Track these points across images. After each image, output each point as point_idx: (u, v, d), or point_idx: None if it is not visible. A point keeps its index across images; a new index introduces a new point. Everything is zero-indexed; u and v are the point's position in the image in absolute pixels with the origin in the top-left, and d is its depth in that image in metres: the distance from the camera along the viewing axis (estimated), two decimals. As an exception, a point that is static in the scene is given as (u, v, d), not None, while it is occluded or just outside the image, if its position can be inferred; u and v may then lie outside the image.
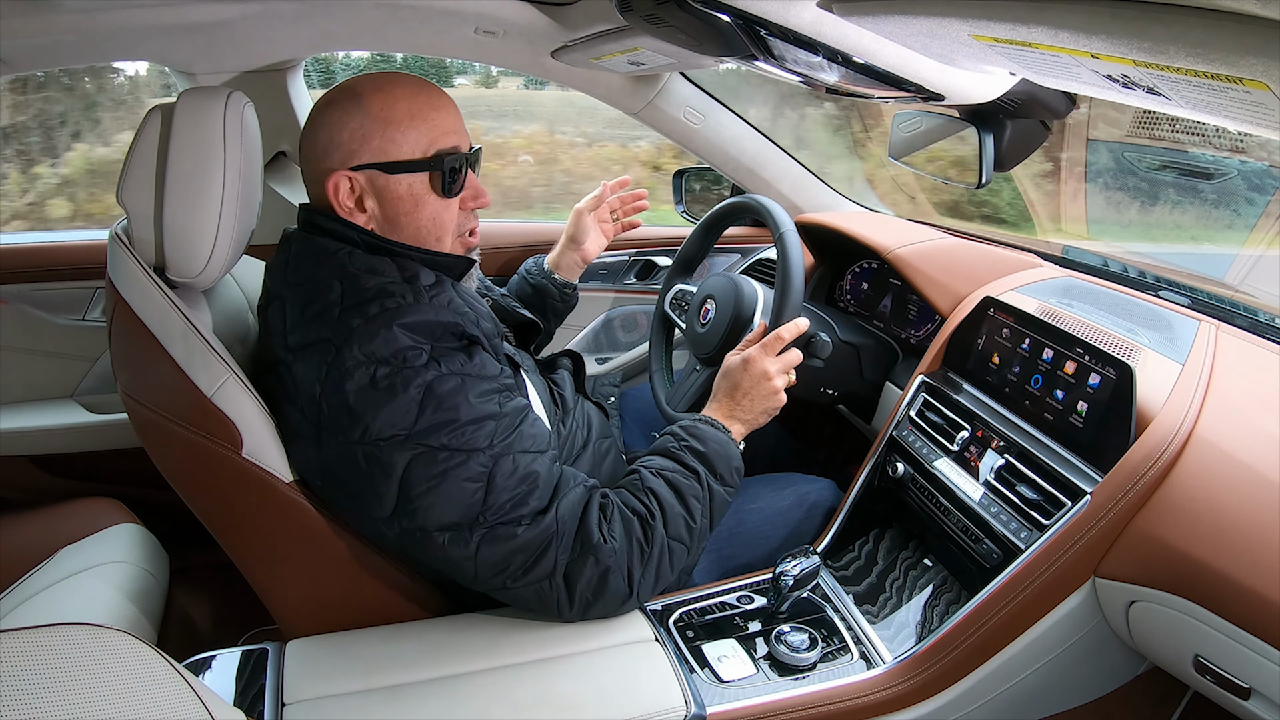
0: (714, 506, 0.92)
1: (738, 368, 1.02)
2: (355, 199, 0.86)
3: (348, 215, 0.86)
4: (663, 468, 0.92)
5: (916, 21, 0.64)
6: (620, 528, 0.85)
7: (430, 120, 0.86)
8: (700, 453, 0.93)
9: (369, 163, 0.85)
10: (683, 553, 0.89)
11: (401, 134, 0.85)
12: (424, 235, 0.89)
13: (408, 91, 0.85)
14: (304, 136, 0.88)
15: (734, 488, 0.95)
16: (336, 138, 0.85)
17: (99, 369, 1.47)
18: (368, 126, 0.84)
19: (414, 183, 0.86)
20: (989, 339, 1.07)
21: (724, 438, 0.96)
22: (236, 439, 0.81)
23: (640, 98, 1.57)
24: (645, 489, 0.89)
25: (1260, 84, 0.44)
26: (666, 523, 0.87)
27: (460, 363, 0.81)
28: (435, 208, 0.88)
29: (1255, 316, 1.05)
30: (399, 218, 0.87)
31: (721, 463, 0.94)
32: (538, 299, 1.32)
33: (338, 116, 0.85)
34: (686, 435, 0.95)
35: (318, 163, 0.86)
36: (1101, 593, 0.81)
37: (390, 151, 0.85)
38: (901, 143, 1.25)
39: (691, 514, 0.89)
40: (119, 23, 1.14)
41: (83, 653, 0.44)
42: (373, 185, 0.86)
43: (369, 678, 0.81)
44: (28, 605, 1.03)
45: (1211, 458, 0.79)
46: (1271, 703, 0.70)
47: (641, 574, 0.86)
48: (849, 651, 0.91)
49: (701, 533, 0.91)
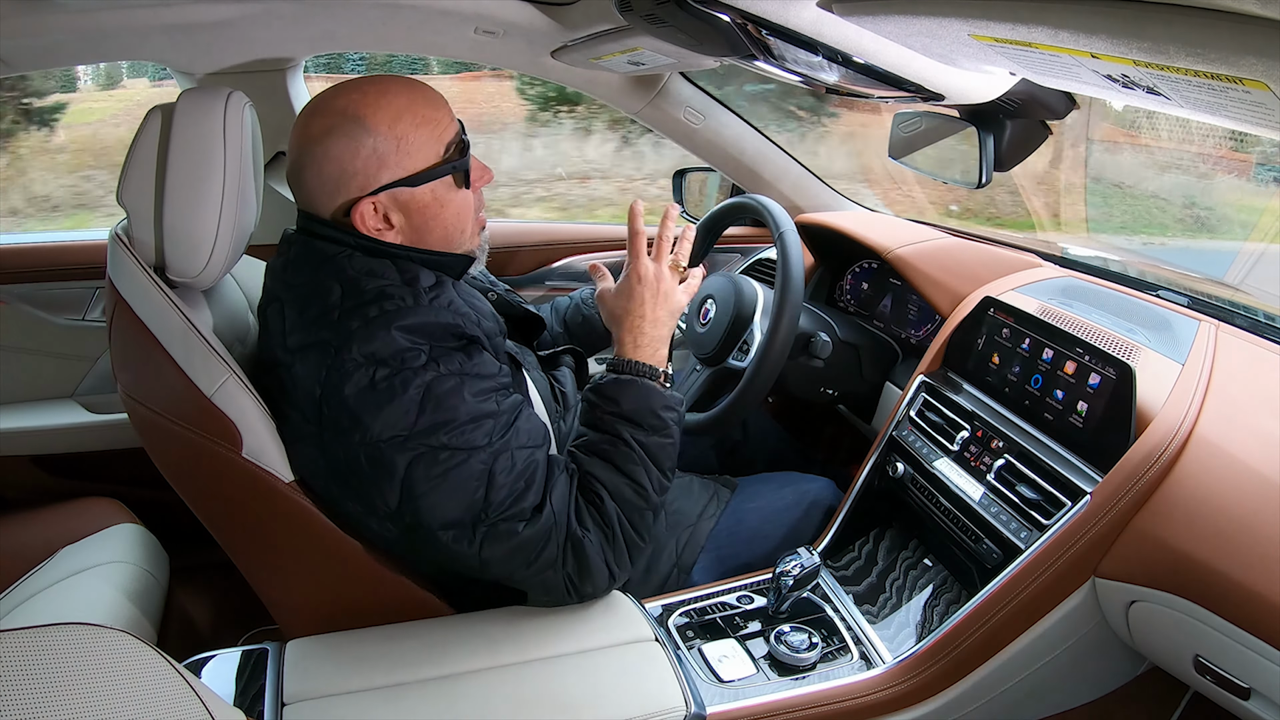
0: (655, 459, 0.88)
1: (624, 283, 0.96)
2: (382, 218, 0.85)
3: (376, 235, 0.85)
4: (591, 442, 0.89)
5: (916, 21, 0.64)
6: (586, 514, 0.85)
7: (434, 120, 0.85)
8: (618, 414, 0.89)
9: (390, 182, 0.83)
10: (646, 515, 0.88)
11: (415, 145, 0.84)
12: (452, 232, 0.89)
13: (405, 100, 0.84)
14: (303, 169, 0.84)
15: (669, 426, 0.90)
16: (349, 168, 0.82)
17: (99, 369, 1.47)
18: (380, 148, 0.82)
19: (435, 187, 0.86)
20: (989, 339, 1.07)
21: (639, 383, 0.90)
22: (236, 439, 0.81)
23: (640, 98, 1.57)
24: (584, 471, 0.87)
25: (1260, 84, 0.44)
26: (614, 496, 0.86)
27: (459, 362, 0.81)
28: (458, 203, 0.89)
29: (1255, 316, 1.05)
30: (428, 223, 0.87)
31: (645, 414, 0.89)
32: (584, 329, 1.31)
33: (345, 145, 0.82)
34: (598, 398, 0.91)
35: (330, 196, 0.84)
36: (1101, 593, 0.81)
37: (409, 165, 0.84)
38: (901, 143, 1.25)
39: (634, 479, 0.87)
40: (119, 23, 1.14)
41: (83, 653, 0.44)
42: (396, 201, 0.85)
43: (369, 677, 0.81)
44: (28, 605, 1.03)
45: (1211, 458, 0.79)
46: (1271, 703, 0.70)
47: (614, 553, 0.86)
48: (849, 651, 0.91)
49: (656, 487, 0.88)
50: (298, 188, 0.87)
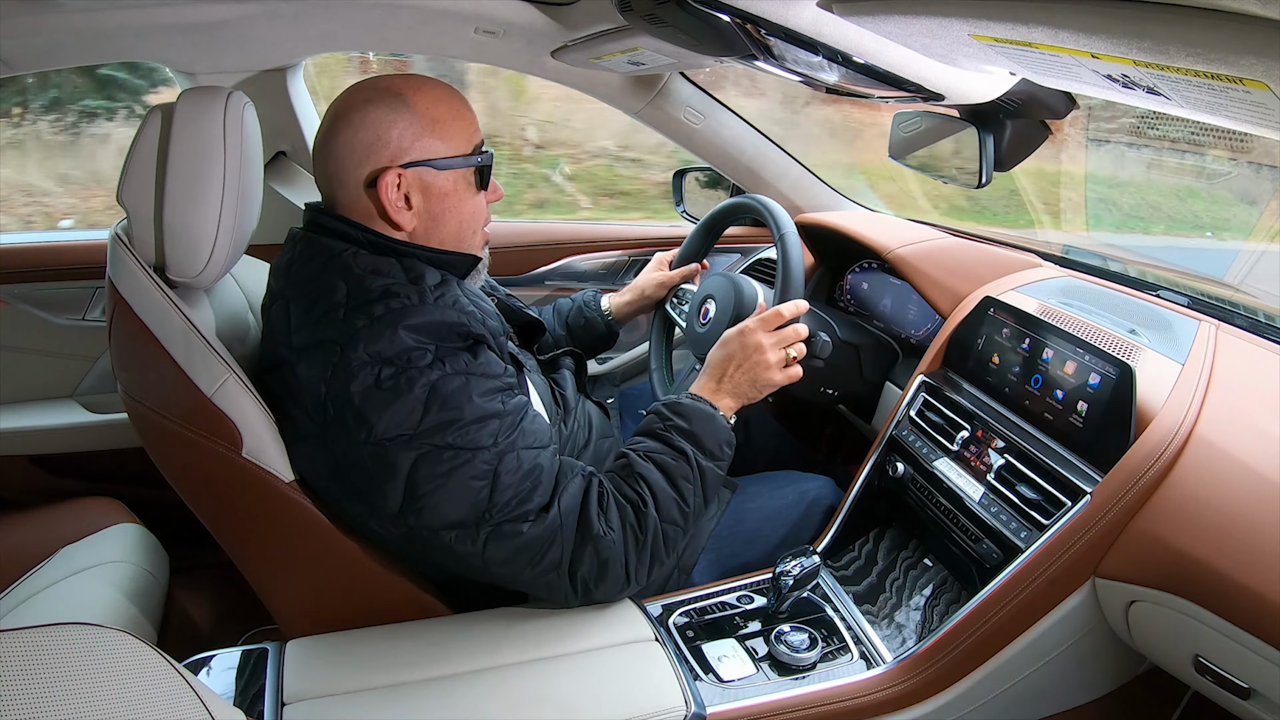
0: (706, 484, 0.92)
1: (732, 338, 1.01)
2: (403, 195, 0.86)
3: (394, 211, 0.85)
4: (651, 450, 0.91)
5: (917, 21, 0.64)
6: (616, 517, 0.85)
7: (466, 119, 0.89)
8: (686, 431, 0.92)
9: (421, 159, 0.85)
10: (678, 534, 0.89)
11: (449, 131, 0.87)
12: (464, 229, 0.91)
13: (444, 93, 0.88)
14: (336, 136, 0.85)
15: (725, 461, 0.94)
16: (385, 135, 0.84)
17: (99, 369, 1.47)
18: (417, 125, 0.85)
19: (458, 178, 0.88)
20: (989, 339, 1.07)
21: (710, 411, 0.94)
22: (236, 439, 0.81)
23: (640, 98, 1.57)
24: (636, 475, 0.89)
25: (1260, 84, 0.44)
26: (659, 508, 0.87)
27: (465, 362, 0.81)
28: (473, 203, 0.91)
29: (1255, 316, 1.05)
30: (445, 213, 0.88)
31: (710, 439, 0.92)
32: (586, 331, 1.34)
33: (383, 115, 0.84)
34: (671, 414, 0.94)
35: (358, 164, 0.84)
36: (1101, 593, 0.81)
37: (438, 149, 0.86)
38: (901, 143, 1.25)
39: (683, 496, 0.89)
40: (119, 23, 1.14)
41: (82, 652, 0.44)
42: (420, 181, 0.86)
43: (369, 677, 0.81)
44: (28, 605, 1.03)
45: (1211, 458, 0.79)
46: (1271, 703, 0.70)
47: (637, 561, 0.86)
48: (849, 651, 0.91)
49: (695, 513, 0.91)
50: (322, 161, 0.87)
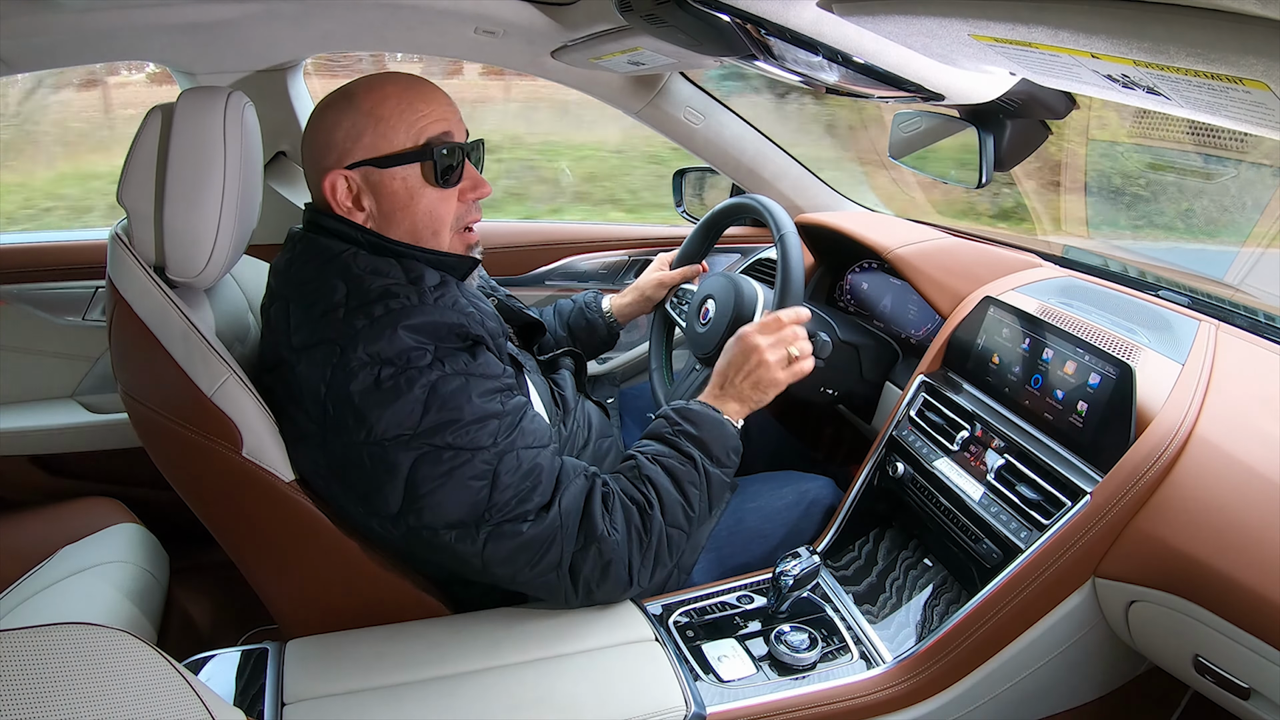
0: (712, 490, 0.92)
1: (733, 345, 1.01)
2: (353, 198, 0.87)
3: (346, 214, 0.87)
4: (659, 453, 0.91)
5: (917, 21, 0.64)
6: (621, 518, 0.85)
7: (418, 110, 0.86)
8: (694, 436, 0.93)
9: (362, 159, 0.85)
10: (681, 539, 0.89)
11: (391, 127, 0.85)
12: (420, 229, 0.88)
13: (398, 87, 0.86)
14: (304, 141, 0.89)
15: (731, 468, 0.94)
16: (331, 138, 0.85)
17: (99, 369, 1.47)
18: (360, 124, 0.85)
19: (408, 175, 0.86)
20: (989, 339, 1.07)
21: (718, 417, 0.94)
22: (236, 438, 0.81)
23: (640, 98, 1.57)
24: (643, 477, 0.89)
25: (1260, 84, 0.44)
26: (664, 511, 0.88)
27: (464, 362, 0.81)
28: (431, 200, 0.88)
29: (1255, 316, 1.05)
30: (395, 212, 0.87)
31: (717, 445, 0.93)
32: (586, 333, 1.34)
33: (333, 118, 0.86)
34: (679, 419, 0.94)
35: (315, 165, 0.87)
36: (1101, 593, 0.81)
37: (381, 146, 0.85)
38: (901, 143, 1.25)
39: (689, 501, 0.89)
40: (119, 23, 1.14)
41: (82, 652, 0.44)
42: (368, 181, 0.86)
43: (369, 678, 0.81)
44: (28, 605, 1.03)
45: (1211, 458, 0.79)
46: (1271, 703, 0.69)
47: (641, 563, 0.86)
48: (849, 651, 0.91)
49: (700, 517, 0.91)
50: (304, 163, 0.90)
